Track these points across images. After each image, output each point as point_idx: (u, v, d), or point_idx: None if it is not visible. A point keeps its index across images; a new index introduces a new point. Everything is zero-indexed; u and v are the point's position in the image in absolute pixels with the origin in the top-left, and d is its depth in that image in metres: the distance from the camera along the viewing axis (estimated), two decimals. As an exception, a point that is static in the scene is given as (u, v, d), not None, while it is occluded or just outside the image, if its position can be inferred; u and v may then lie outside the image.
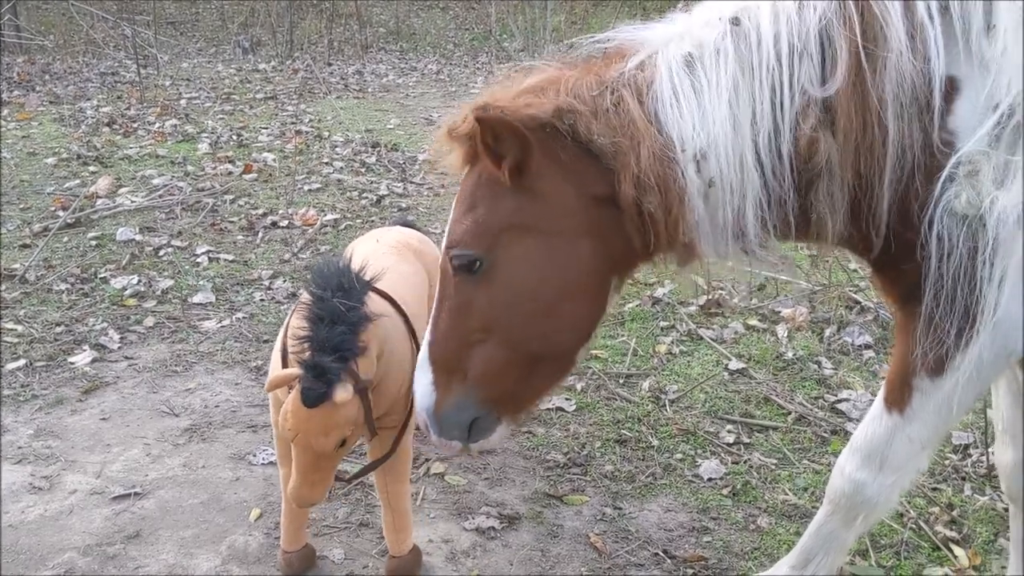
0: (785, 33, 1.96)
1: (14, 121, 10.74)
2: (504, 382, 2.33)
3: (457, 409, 2.37)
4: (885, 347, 4.89)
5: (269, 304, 5.57)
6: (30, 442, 4.00)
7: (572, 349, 2.39)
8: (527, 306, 2.23)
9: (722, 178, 2.01)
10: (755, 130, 1.98)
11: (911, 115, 1.89)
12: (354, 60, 17.26)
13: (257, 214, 7.26)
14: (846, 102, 1.89)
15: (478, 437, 2.42)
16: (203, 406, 4.35)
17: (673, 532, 3.47)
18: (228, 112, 11.68)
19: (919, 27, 1.87)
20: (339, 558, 3.30)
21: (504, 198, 2.20)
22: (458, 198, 2.35)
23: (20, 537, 3.37)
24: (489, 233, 2.21)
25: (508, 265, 2.22)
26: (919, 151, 1.91)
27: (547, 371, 2.40)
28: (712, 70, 2.01)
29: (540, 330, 2.26)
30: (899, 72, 1.86)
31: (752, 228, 2.05)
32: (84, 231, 6.79)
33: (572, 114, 2.11)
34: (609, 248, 2.22)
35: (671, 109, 2.04)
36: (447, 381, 2.37)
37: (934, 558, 3.31)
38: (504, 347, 2.28)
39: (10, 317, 5.23)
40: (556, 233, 2.18)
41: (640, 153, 2.03)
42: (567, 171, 2.15)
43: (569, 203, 2.16)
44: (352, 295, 2.62)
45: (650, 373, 4.69)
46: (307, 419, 2.50)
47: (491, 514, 3.55)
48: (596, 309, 2.33)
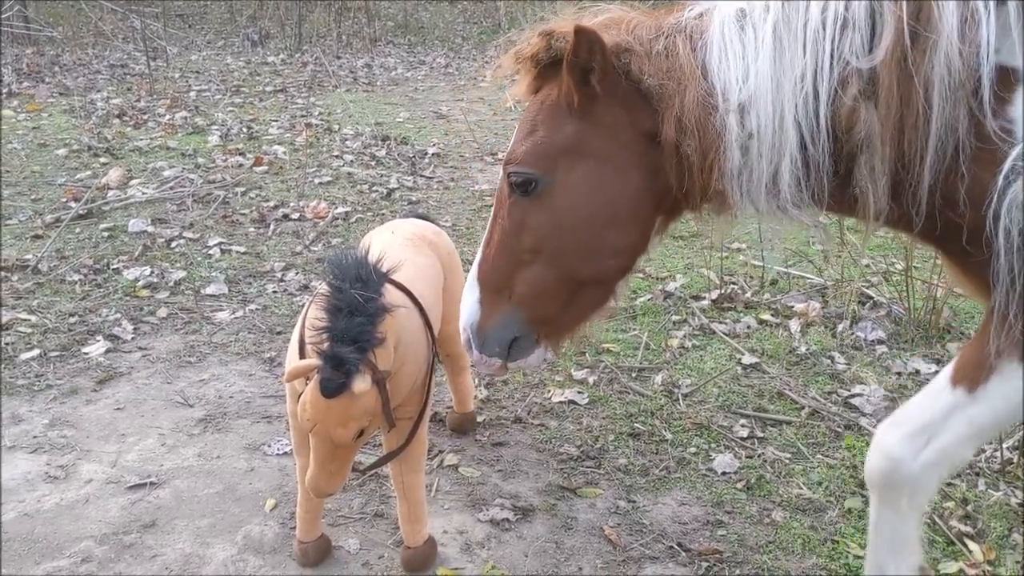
0: (833, 2, 2.00)
1: (24, 112, 10.77)
2: (548, 303, 2.43)
3: (500, 327, 2.47)
4: (898, 342, 4.89)
5: (282, 296, 5.58)
6: (45, 431, 4.01)
7: (614, 277, 2.48)
8: (577, 229, 2.32)
9: (760, 132, 2.06)
10: (796, 91, 2.02)
11: (958, 99, 1.90)
12: (363, 53, 17.26)
13: (268, 206, 7.27)
14: (888, 77, 1.91)
15: (516, 356, 2.53)
16: (217, 397, 4.36)
17: (687, 525, 3.47)
18: (238, 105, 11.70)
19: (973, 14, 1.89)
20: (354, 548, 3.31)
21: (565, 123, 2.29)
22: (521, 122, 2.43)
23: (36, 526, 3.39)
24: (548, 154, 2.30)
25: (563, 187, 2.31)
26: (965, 135, 1.91)
27: (589, 297, 2.48)
28: (761, 26, 2.06)
29: (587, 253, 2.35)
30: (947, 56, 1.87)
31: (787, 186, 2.08)
32: (96, 222, 6.81)
33: (628, 53, 2.21)
34: (656, 184, 2.30)
35: (718, 59, 2.10)
36: (493, 299, 2.47)
37: (948, 553, 3.30)
38: (551, 268, 2.38)
39: (24, 307, 5.25)
40: (610, 161, 2.28)
41: (685, 97, 2.10)
42: (622, 105, 2.25)
43: (623, 135, 2.26)
44: (370, 286, 2.62)
45: (663, 367, 4.69)
46: (325, 409, 2.51)
47: (505, 506, 3.55)
48: (640, 240, 2.41)
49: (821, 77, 2.00)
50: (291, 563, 3.22)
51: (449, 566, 3.23)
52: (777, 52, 2.05)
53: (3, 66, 13.75)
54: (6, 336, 4.87)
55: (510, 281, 2.44)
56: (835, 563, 3.24)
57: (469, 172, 8.68)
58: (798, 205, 2.14)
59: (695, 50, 2.15)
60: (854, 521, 3.46)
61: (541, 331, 2.50)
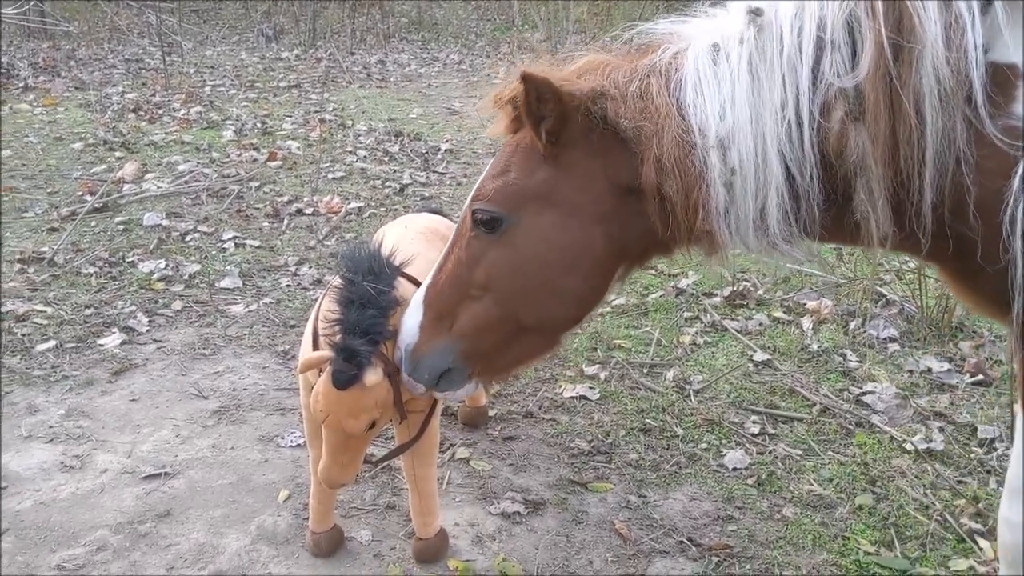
0: (808, 23, 1.93)
1: (40, 106, 10.84)
2: (487, 341, 2.40)
3: (435, 355, 2.45)
4: (910, 340, 4.88)
5: (295, 290, 5.61)
6: (61, 422, 4.05)
7: (559, 328, 2.46)
8: (530, 274, 2.29)
9: (743, 168, 2.00)
10: (777, 122, 1.96)
11: (951, 108, 1.82)
12: (376, 50, 17.30)
13: (282, 201, 7.31)
14: (874, 93, 1.85)
15: (445, 387, 2.51)
16: (231, 389, 4.39)
17: (698, 520, 3.48)
18: (252, 100, 11.75)
19: (957, 19, 1.81)
20: (367, 539, 3.33)
21: (537, 168, 2.27)
22: (495, 159, 2.42)
23: (53, 514, 3.42)
24: (516, 197, 2.28)
25: (526, 232, 2.27)
26: (964, 144, 1.83)
27: (530, 343, 2.46)
28: (734, 59, 2.01)
29: (536, 301, 2.32)
30: (935, 65, 1.80)
31: (775, 221, 2.02)
32: (111, 215, 6.86)
33: (604, 97, 2.16)
34: (624, 238, 2.26)
35: (693, 96, 2.05)
36: (434, 326, 2.44)
37: (959, 550, 3.30)
38: (497, 308, 2.34)
39: (40, 299, 5.29)
40: (576, 212, 2.24)
41: (663, 137, 2.05)
42: (597, 154, 2.20)
43: (595, 185, 2.22)
44: (382, 279, 2.65)
45: (674, 363, 4.70)
46: (338, 401, 2.54)
47: (516, 499, 3.57)
48: (594, 294, 2.38)
49: (802, 103, 1.93)
50: (304, 553, 3.24)
51: (460, 558, 3.25)
52: (754, 83, 1.99)
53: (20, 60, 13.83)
54: (23, 327, 4.92)
55: (454, 312, 2.41)
56: (845, 559, 3.25)
57: (481, 168, 8.63)
58: (788, 240, 2.08)
59: (670, 89, 2.09)
60: (864, 517, 3.47)
61: (476, 367, 2.47)
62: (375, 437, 2.83)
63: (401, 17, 21.03)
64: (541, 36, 17.38)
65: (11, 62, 13.58)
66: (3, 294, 5.30)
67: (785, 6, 1.99)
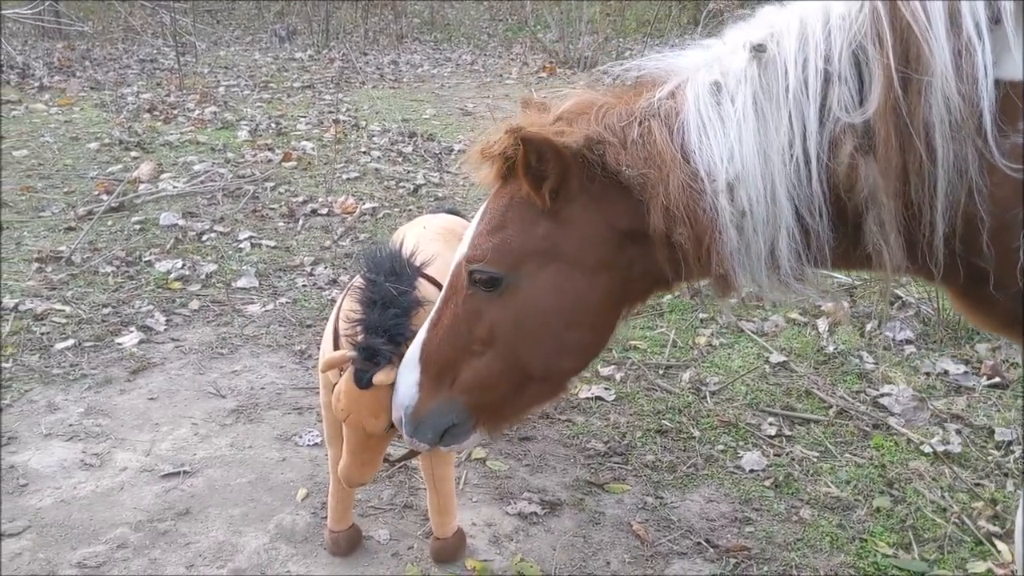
0: (813, 57, 1.87)
1: (56, 106, 10.91)
2: (492, 395, 2.33)
3: (437, 414, 2.37)
4: (927, 342, 4.87)
5: (311, 290, 5.63)
6: (80, 420, 4.08)
7: (566, 375, 2.42)
8: (535, 329, 2.22)
9: (753, 209, 1.94)
10: (785, 160, 1.90)
11: (962, 138, 1.76)
12: (389, 50, 17.34)
13: (297, 201, 7.34)
14: (884, 127, 1.79)
15: (450, 442, 2.43)
16: (249, 388, 4.42)
17: (715, 522, 3.49)
18: (266, 100, 11.79)
19: (967, 45, 1.74)
20: (384, 539, 3.35)
21: (536, 223, 2.18)
22: (484, 213, 2.32)
23: (73, 512, 3.45)
24: (516, 255, 2.19)
25: (528, 288, 2.20)
26: (977, 175, 1.77)
27: (536, 392, 2.40)
28: (739, 99, 1.94)
29: (542, 353, 2.26)
30: (945, 94, 1.74)
31: (786, 260, 1.97)
32: (128, 215, 6.89)
33: (602, 144, 2.08)
34: (628, 285, 2.22)
35: (699, 139, 1.98)
36: (433, 384, 2.36)
37: (977, 552, 3.30)
38: (501, 362, 2.27)
39: (58, 298, 5.33)
40: (579, 264, 2.17)
41: (669, 184, 1.98)
42: (597, 202, 2.13)
43: (597, 235, 2.15)
44: (403, 280, 2.66)
45: (690, 365, 4.71)
46: (359, 400, 2.55)
47: (533, 500, 3.58)
48: (600, 341, 2.33)
49: (810, 141, 1.87)
50: (322, 552, 3.26)
51: (478, 558, 3.26)
52: (760, 123, 1.92)
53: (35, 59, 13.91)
54: (42, 326, 4.95)
55: (455, 368, 2.32)
56: (863, 561, 3.25)
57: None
58: (800, 279, 2.03)
59: (672, 133, 2.02)
60: (882, 520, 3.47)
61: (480, 418, 2.39)
62: (395, 436, 2.84)
63: (414, 17, 21.06)
64: (554, 36, 17.39)
65: (26, 62, 13.66)
66: (19, 293, 5.34)
67: (788, 40, 1.93)
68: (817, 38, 1.88)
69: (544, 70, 15.18)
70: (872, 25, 1.81)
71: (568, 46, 16.06)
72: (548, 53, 16.67)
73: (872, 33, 1.81)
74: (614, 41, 16.67)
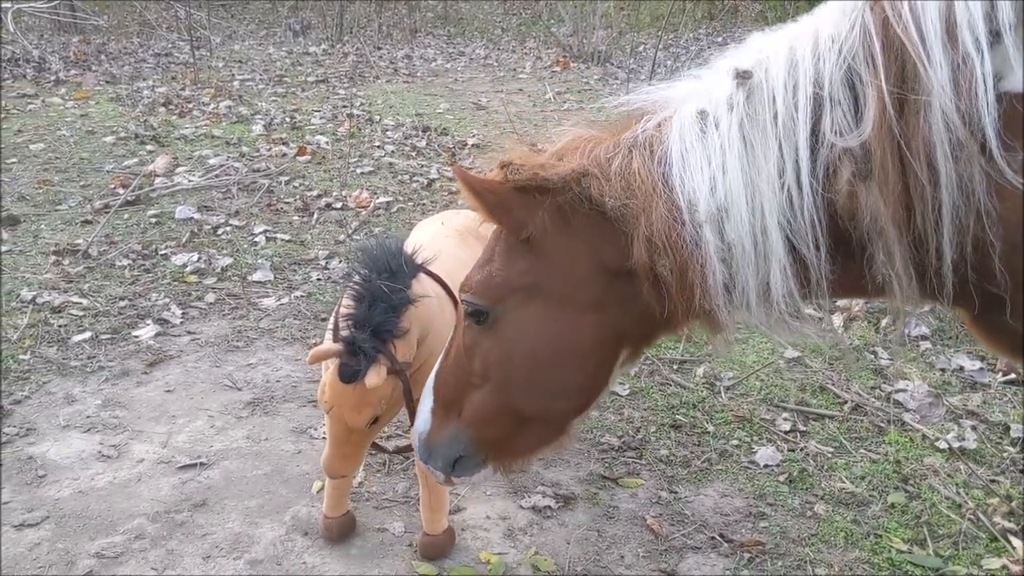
0: (803, 82, 1.78)
1: (72, 100, 10.96)
2: (494, 431, 2.31)
3: (447, 443, 2.36)
4: (942, 338, 4.85)
5: (326, 284, 5.66)
6: (98, 412, 4.11)
7: (564, 417, 2.32)
8: (523, 367, 2.18)
9: (741, 242, 1.86)
10: (775, 190, 1.81)
11: (966, 157, 1.65)
12: (403, 44, 17.35)
13: (312, 196, 7.36)
14: (881, 149, 1.69)
15: (460, 473, 2.41)
16: (265, 381, 4.44)
17: (729, 517, 3.49)
18: (281, 94, 11.83)
19: (965, 60, 1.64)
20: (399, 531, 3.36)
21: (518, 258, 2.15)
22: (485, 245, 2.32)
23: (91, 503, 3.48)
24: (498, 289, 2.17)
25: (511, 324, 2.17)
26: (984, 196, 1.66)
27: (538, 432, 2.34)
28: (724, 126, 1.87)
29: (532, 392, 2.21)
30: (944, 112, 1.64)
31: (781, 296, 1.87)
32: (144, 208, 6.93)
33: (587, 177, 2.02)
34: (619, 323, 2.12)
35: (681, 168, 1.91)
36: (443, 414, 2.37)
37: (992, 549, 3.29)
38: (496, 398, 2.25)
39: (75, 290, 5.37)
40: (564, 302, 2.11)
41: (651, 214, 1.91)
42: (582, 238, 2.07)
43: (582, 272, 2.08)
44: (399, 277, 2.67)
45: (704, 359, 4.70)
46: (342, 394, 2.60)
47: (547, 494, 3.59)
48: (594, 382, 2.23)
49: (802, 168, 1.77)
50: (340, 545, 3.27)
51: (492, 551, 3.27)
52: (747, 151, 1.83)
53: (51, 54, 13.99)
54: (59, 319, 4.99)
55: (460, 400, 2.32)
56: (877, 557, 3.25)
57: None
58: (796, 316, 1.93)
59: (655, 162, 1.95)
60: (897, 516, 3.46)
61: (488, 454, 2.36)
62: (379, 432, 2.86)
63: (427, 12, 21.07)
64: (568, 30, 17.37)
65: (43, 56, 13.74)
66: (36, 286, 5.39)
67: (776, 65, 1.84)
68: (807, 62, 1.79)
69: (557, 64, 15.17)
70: (863, 45, 1.72)
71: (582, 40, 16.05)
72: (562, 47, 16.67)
73: (864, 54, 1.72)
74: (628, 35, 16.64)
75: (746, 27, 18.85)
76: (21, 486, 3.56)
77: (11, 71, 12.75)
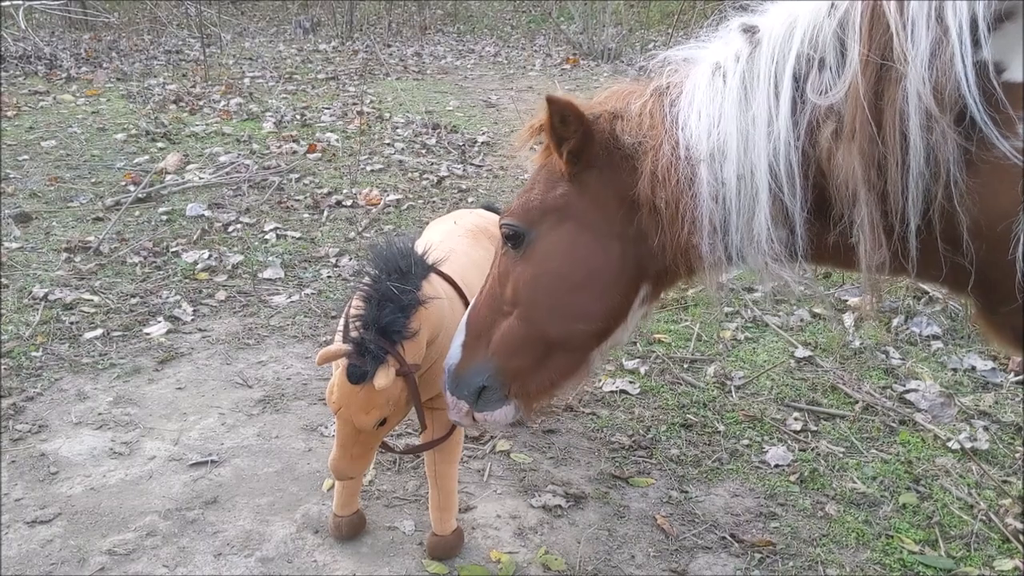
0: (797, 42, 1.91)
1: (83, 97, 11.00)
2: (518, 359, 2.44)
3: (473, 372, 2.51)
4: (954, 338, 4.83)
5: (336, 281, 5.66)
6: (110, 409, 4.12)
7: (585, 344, 2.44)
8: (549, 287, 2.34)
9: (732, 182, 2.00)
10: (764, 136, 1.94)
11: (940, 129, 1.71)
12: (413, 42, 17.35)
13: (322, 193, 7.37)
14: (852, 111, 1.79)
15: (483, 407, 2.54)
16: (275, 378, 4.45)
17: (740, 517, 3.48)
18: (291, 92, 11.84)
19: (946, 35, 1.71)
20: (409, 529, 3.36)
21: (557, 184, 2.34)
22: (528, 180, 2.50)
23: (102, 500, 3.49)
24: (536, 211, 2.35)
25: (543, 245, 2.35)
26: (956, 169, 1.72)
27: (559, 361, 2.45)
28: (730, 77, 2.02)
29: (556, 312, 2.36)
30: (918, 86, 1.71)
31: (765, 238, 1.98)
32: (155, 206, 6.95)
33: (618, 118, 2.23)
34: (638, 256, 2.28)
35: (687, 111, 2.08)
36: (473, 345, 2.52)
37: (1004, 550, 3.28)
38: (523, 324, 2.40)
39: (87, 287, 5.39)
40: (591, 226, 2.29)
41: (659, 151, 2.09)
42: (613, 172, 2.25)
43: (607, 201, 2.27)
44: (409, 278, 2.66)
45: (715, 359, 4.70)
46: (350, 395, 2.59)
47: (557, 492, 3.59)
48: (614, 309, 2.37)
49: (786, 120, 1.90)
50: (348, 542, 3.28)
51: (503, 549, 3.27)
52: (743, 99, 1.98)
53: (63, 51, 14.03)
54: (71, 315, 5.01)
55: (490, 330, 2.48)
56: (889, 558, 3.24)
57: (519, 161, 8.71)
58: (778, 259, 2.02)
59: (670, 106, 2.14)
60: (908, 516, 3.45)
61: (511, 386, 2.49)
62: (387, 433, 2.85)
63: (437, 9, 21.06)
64: (578, 28, 17.33)
65: (54, 53, 13.79)
66: (48, 283, 5.40)
67: (778, 22, 1.98)
68: (805, 24, 1.92)
69: (568, 62, 15.16)
70: (855, 13, 1.83)
71: (592, 38, 16.02)
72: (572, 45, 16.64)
73: (854, 20, 1.82)
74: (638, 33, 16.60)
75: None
76: (34, 483, 3.57)
77: (23, 68, 12.80)
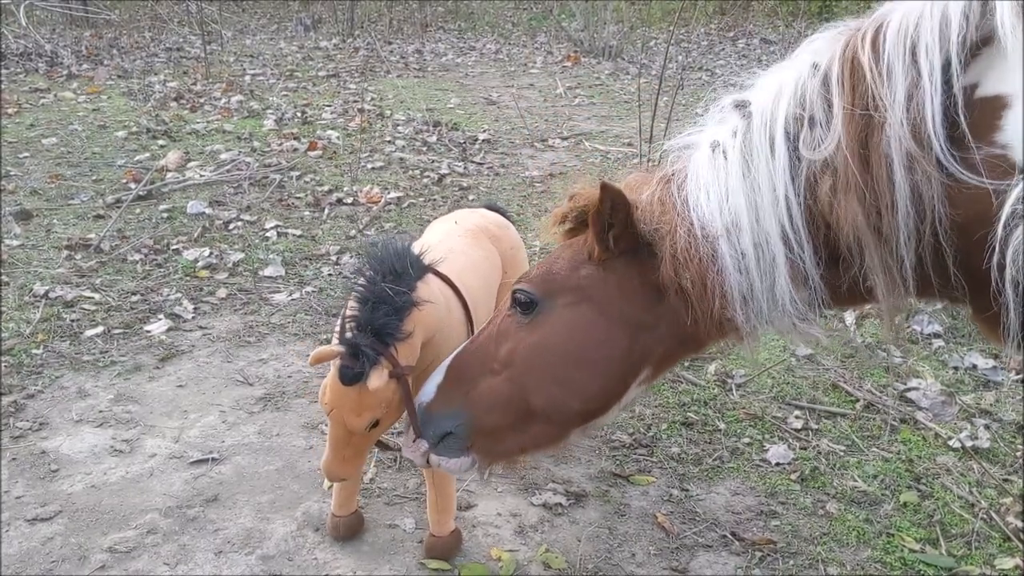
0: (785, 102, 1.99)
1: (84, 94, 10.99)
2: (495, 417, 2.44)
3: (444, 416, 2.50)
4: (955, 336, 4.83)
5: (337, 279, 5.66)
6: (111, 406, 4.12)
7: (569, 421, 2.46)
8: (552, 360, 2.36)
9: (750, 252, 2.06)
10: (771, 202, 2.01)
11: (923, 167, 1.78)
12: (414, 39, 17.34)
13: (323, 191, 7.37)
14: (844, 163, 1.87)
15: (442, 452, 2.53)
16: (276, 376, 4.45)
17: (741, 515, 3.48)
18: (292, 89, 11.84)
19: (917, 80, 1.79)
20: (410, 528, 3.37)
21: (582, 265, 2.38)
22: (550, 253, 2.54)
23: (103, 498, 3.49)
24: (556, 286, 2.38)
25: (555, 319, 2.36)
26: (938, 203, 1.80)
27: (536, 431, 2.46)
28: (730, 152, 2.09)
29: (548, 383, 2.37)
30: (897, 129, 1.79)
31: (788, 301, 2.06)
32: (155, 203, 6.95)
33: (636, 208, 2.28)
34: (649, 342, 2.33)
35: (698, 193, 2.13)
36: (450, 390, 2.52)
37: (1005, 548, 3.28)
38: (511, 385, 2.40)
39: (87, 285, 5.39)
40: (609, 312, 2.32)
41: (676, 233, 2.14)
42: (638, 261, 2.30)
43: (631, 289, 2.31)
44: (404, 279, 2.65)
45: (716, 357, 4.69)
46: (343, 396, 2.58)
47: (558, 491, 3.59)
48: (607, 393, 2.40)
49: (787, 181, 1.97)
50: (352, 542, 3.28)
51: (503, 547, 3.27)
52: (746, 169, 2.04)
53: (63, 48, 14.03)
54: (72, 313, 5.01)
55: (472, 381, 2.48)
56: (890, 556, 3.24)
57: (519, 159, 8.72)
58: (803, 319, 2.11)
59: (677, 190, 2.20)
60: (909, 515, 3.45)
61: (477, 441, 2.49)
62: (380, 435, 2.84)
63: (438, 7, 21.05)
64: (579, 25, 17.33)
65: (55, 50, 13.78)
66: (49, 281, 5.41)
67: (766, 91, 2.07)
68: (791, 87, 2.00)
69: (569, 59, 15.16)
70: (835, 68, 1.91)
71: (593, 35, 16.02)
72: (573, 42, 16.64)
73: (835, 75, 1.91)
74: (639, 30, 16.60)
75: (757, 22, 18.78)
76: (34, 480, 3.57)
77: (24, 65, 12.79)
